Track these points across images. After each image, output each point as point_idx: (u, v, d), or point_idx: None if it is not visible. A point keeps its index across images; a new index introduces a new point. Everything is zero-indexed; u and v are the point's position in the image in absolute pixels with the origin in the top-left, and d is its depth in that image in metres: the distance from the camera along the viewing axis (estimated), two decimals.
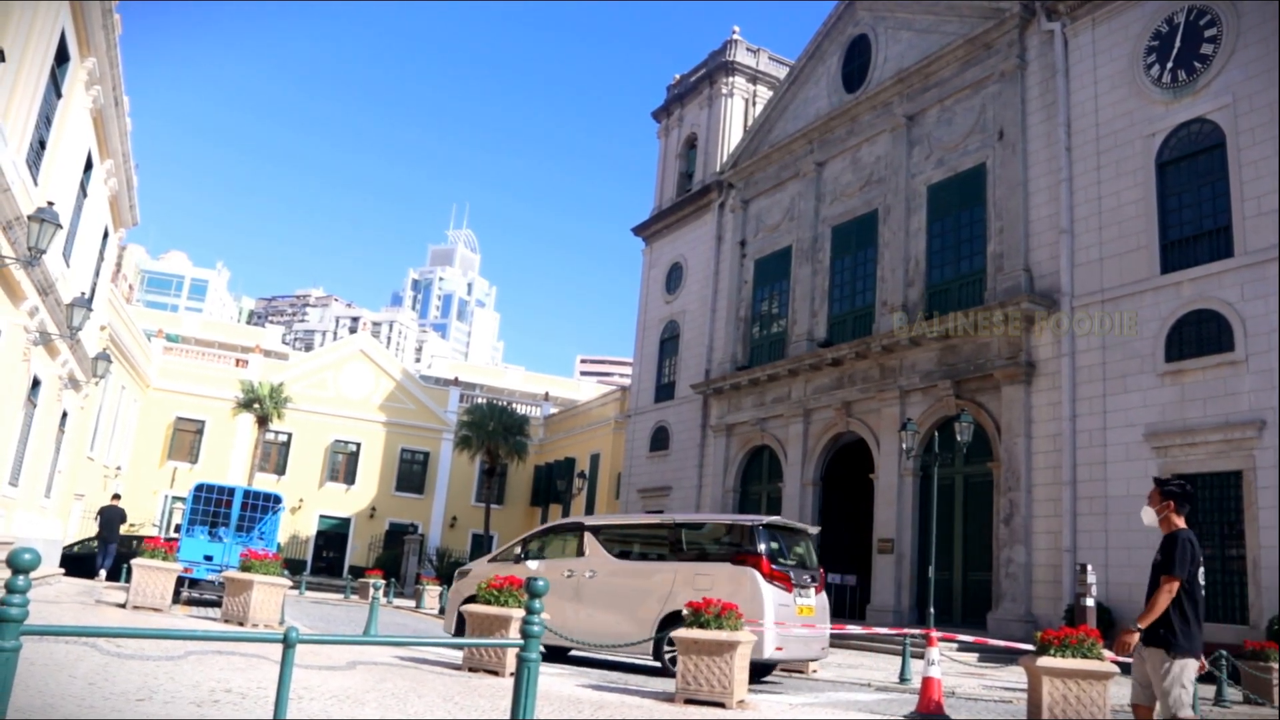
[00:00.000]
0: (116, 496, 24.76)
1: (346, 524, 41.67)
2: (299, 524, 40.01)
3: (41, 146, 14.88)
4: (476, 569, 13.48)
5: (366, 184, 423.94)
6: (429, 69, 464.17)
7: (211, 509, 19.75)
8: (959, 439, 18.16)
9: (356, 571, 35.53)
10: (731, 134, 32.90)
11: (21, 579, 3.48)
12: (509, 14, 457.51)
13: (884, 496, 22.51)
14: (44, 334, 16.67)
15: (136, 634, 5.10)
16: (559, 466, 41.15)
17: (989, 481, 20.22)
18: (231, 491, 20.25)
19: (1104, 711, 7.78)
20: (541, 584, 5.07)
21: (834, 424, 24.64)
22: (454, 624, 12.86)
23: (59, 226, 12.65)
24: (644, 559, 12.11)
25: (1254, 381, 15.56)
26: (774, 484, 26.76)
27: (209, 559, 18.95)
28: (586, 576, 11.99)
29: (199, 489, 20.21)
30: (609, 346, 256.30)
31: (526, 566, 12.41)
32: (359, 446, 42.50)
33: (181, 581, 17.24)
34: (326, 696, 6.94)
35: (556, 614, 11.29)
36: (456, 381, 49.54)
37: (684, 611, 10.86)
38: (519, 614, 9.30)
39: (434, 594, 25.53)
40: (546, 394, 51.62)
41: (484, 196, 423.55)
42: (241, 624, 12.80)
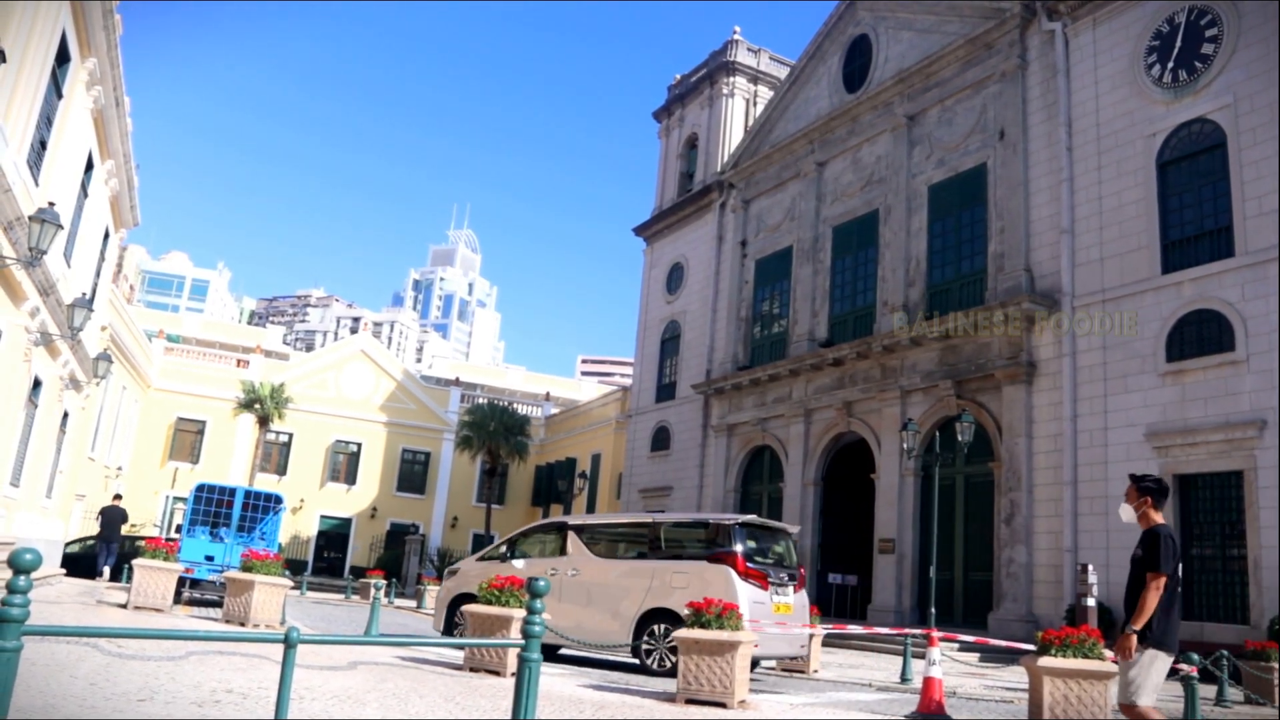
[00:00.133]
0: (118, 497, 24.81)
1: (347, 524, 41.66)
2: (300, 524, 40.01)
3: (42, 147, 14.89)
4: (465, 567, 13.74)
5: (367, 184, 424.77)
6: (429, 69, 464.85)
7: (213, 509, 19.75)
8: (960, 439, 18.17)
9: (358, 572, 35.54)
10: (732, 134, 32.90)
11: (23, 579, 3.49)
12: (509, 14, 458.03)
13: (885, 496, 22.51)
14: (45, 334, 16.68)
15: (138, 634, 5.10)
16: (560, 467, 41.15)
17: (990, 481, 20.22)
18: (233, 492, 20.25)
19: (1105, 712, 7.78)
20: (543, 584, 5.06)
21: (835, 424, 24.64)
22: (442, 621, 13.07)
23: (60, 227, 12.66)
24: (624, 558, 12.28)
25: (1255, 381, 15.56)
26: (775, 484, 26.76)
27: (210, 559, 18.95)
28: (569, 575, 12.13)
29: (200, 489, 20.21)
30: (610, 347, 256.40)
31: (512, 565, 12.54)
32: (360, 447, 42.49)
33: (183, 582, 17.24)
34: (328, 697, 6.95)
35: None
36: (457, 382, 49.51)
37: (685, 612, 10.96)
38: (520, 614, 9.31)
39: (435, 594, 25.50)
40: (547, 394, 51.61)
41: (485, 197, 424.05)
42: (243, 624, 12.80)
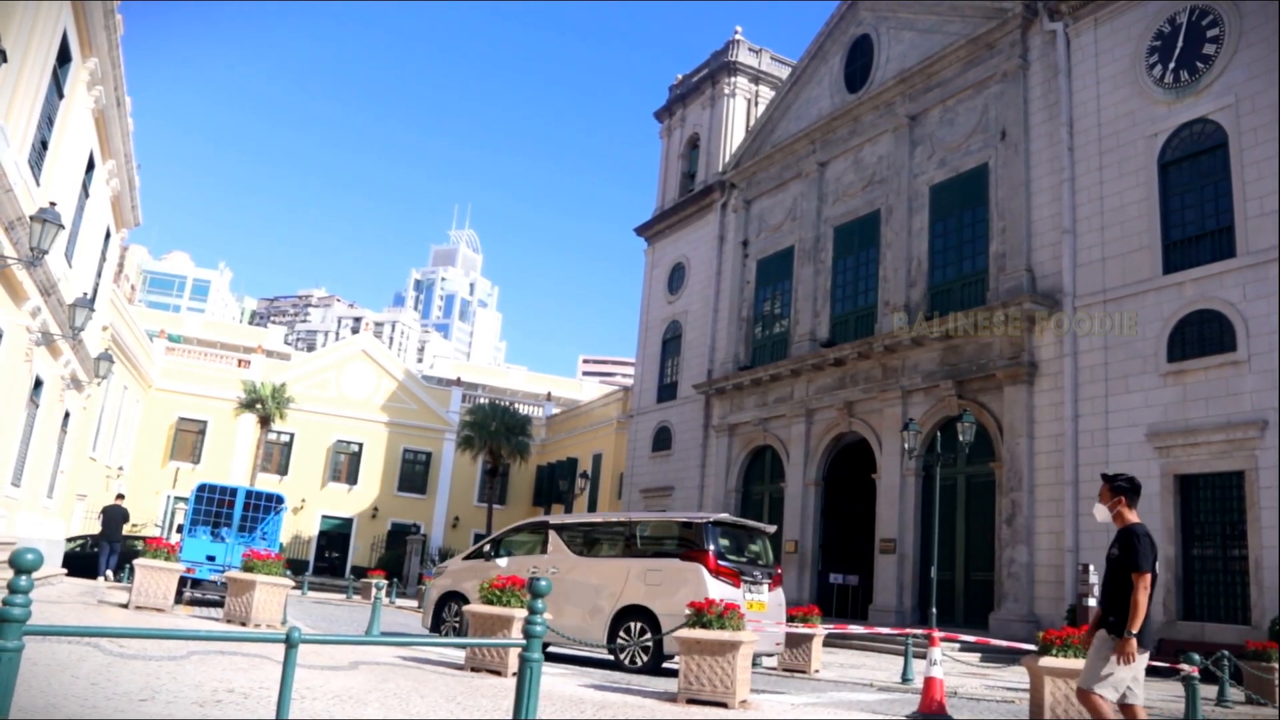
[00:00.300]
0: (120, 496, 24.79)
1: (349, 524, 41.68)
2: (301, 524, 40.05)
3: (43, 147, 14.89)
4: (451, 566, 14.01)
5: (368, 184, 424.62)
6: (429, 69, 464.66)
7: (214, 509, 19.77)
8: (961, 439, 18.17)
9: (359, 572, 35.57)
10: (734, 134, 32.90)
11: (24, 579, 3.49)
12: (509, 14, 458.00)
13: (886, 497, 22.50)
14: (46, 334, 16.69)
15: (139, 634, 5.10)
16: (561, 466, 41.16)
17: (991, 482, 20.21)
18: (234, 492, 20.27)
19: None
20: (544, 584, 5.07)
21: (836, 424, 24.64)
22: (430, 619, 13.27)
23: (61, 227, 12.67)
24: (602, 556, 12.48)
25: (1256, 382, 15.55)
26: (776, 484, 26.76)
27: (211, 559, 18.96)
28: (549, 573, 12.25)
29: (201, 489, 20.23)
30: (611, 347, 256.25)
31: (496, 564, 12.70)
32: (361, 447, 42.51)
33: (184, 582, 17.26)
34: (329, 696, 6.95)
35: None
36: (459, 382, 49.51)
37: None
38: (521, 614, 9.31)
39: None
40: (549, 394, 51.64)
41: (486, 197, 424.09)
42: (244, 624, 12.81)
